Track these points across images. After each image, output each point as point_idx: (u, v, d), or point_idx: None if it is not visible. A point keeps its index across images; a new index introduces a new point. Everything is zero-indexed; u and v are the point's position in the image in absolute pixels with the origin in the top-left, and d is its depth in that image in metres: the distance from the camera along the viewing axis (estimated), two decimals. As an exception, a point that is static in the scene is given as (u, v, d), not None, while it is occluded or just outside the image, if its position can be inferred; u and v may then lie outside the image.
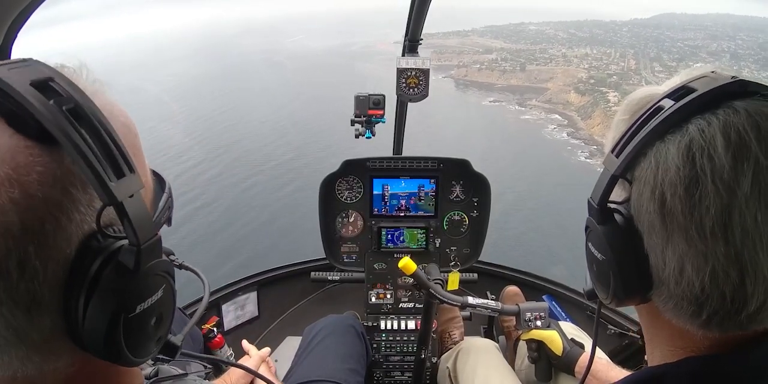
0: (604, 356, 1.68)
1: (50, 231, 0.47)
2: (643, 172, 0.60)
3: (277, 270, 2.78)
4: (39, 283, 0.47)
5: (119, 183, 0.48)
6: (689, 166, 0.55)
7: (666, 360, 0.68)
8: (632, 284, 0.64)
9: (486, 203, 2.31)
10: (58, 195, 0.47)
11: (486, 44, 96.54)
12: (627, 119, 0.68)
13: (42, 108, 0.46)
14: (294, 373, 1.85)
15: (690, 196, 0.55)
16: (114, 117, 0.54)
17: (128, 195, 0.48)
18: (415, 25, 1.94)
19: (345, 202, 2.33)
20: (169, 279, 0.57)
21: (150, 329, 0.56)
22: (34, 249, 0.46)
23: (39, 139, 0.47)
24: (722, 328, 0.59)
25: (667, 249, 0.58)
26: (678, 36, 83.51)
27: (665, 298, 0.62)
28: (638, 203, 0.61)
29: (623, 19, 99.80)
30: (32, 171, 0.46)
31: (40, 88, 0.47)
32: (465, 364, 1.89)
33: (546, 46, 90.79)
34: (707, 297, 0.57)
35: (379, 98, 2.07)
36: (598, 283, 0.70)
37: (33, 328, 0.48)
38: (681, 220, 0.56)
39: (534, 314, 1.65)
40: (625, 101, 0.72)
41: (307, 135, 40.34)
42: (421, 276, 1.61)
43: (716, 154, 0.54)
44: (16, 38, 1.19)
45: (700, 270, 0.56)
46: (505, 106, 65.05)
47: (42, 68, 0.50)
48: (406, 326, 2.31)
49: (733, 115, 0.55)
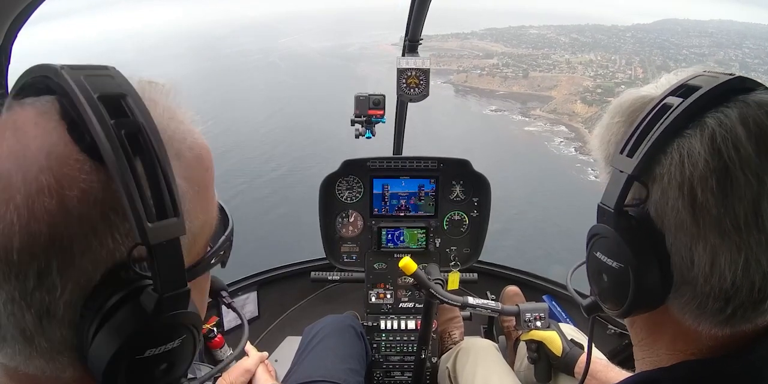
0: (603, 357, 1.68)
1: (78, 252, 0.44)
2: (665, 169, 0.58)
3: (277, 270, 2.78)
4: (55, 298, 0.45)
5: (157, 225, 0.44)
6: (717, 158, 0.55)
7: (658, 364, 0.68)
8: (654, 290, 0.61)
9: (486, 203, 2.31)
10: (96, 217, 0.45)
11: (486, 48, 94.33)
12: (623, 121, 0.67)
13: (99, 126, 0.43)
14: (294, 373, 1.85)
15: (722, 189, 0.55)
16: (186, 148, 0.52)
17: (165, 239, 0.45)
18: (415, 25, 1.94)
19: (345, 202, 2.33)
20: (194, 331, 0.54)
21: (157, 373, 0.53)
22: (57, 265, 0.44)
23: (92, 155, 0.44)
24: (744, 320, 0.59)
25: (697, 245, 0.57)
26: (682, 42, 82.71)
27: (688, 299, 0.60)
28: (662, 202, 0.59)
29: (625, 24, 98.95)
30: (75, 186, 0.44)
31: (108, 103, 0.45)
32: (464, 364, 1.89)
33: (548, 51, 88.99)
34: (737, 289, 0.57)
35: (379, 98, 2.07)
36: (611, 294, 0.67)
37: (42, 335, 0.47)
38: (714, 213, 0.55)
39: (534, 315, 1.65)
40: (614, 104, 0.71)
41: (301, 146, 37.82)
42: (422, 276, 1.61)
43: (741, 144, 0.54)
44: (16, 38, 1.19)
45: (733, 262, 0.56)
46: (508, 115, 61.38)
47: (120, 82, 0.48)
48: (406, 326, 2.31)
49: (745, 108, 0.56)
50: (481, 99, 69.34)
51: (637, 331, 0.74)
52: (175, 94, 0.55)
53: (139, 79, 0.53)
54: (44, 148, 0.44)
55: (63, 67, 0.47)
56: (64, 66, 0.47)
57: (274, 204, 26.36)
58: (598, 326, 2.30)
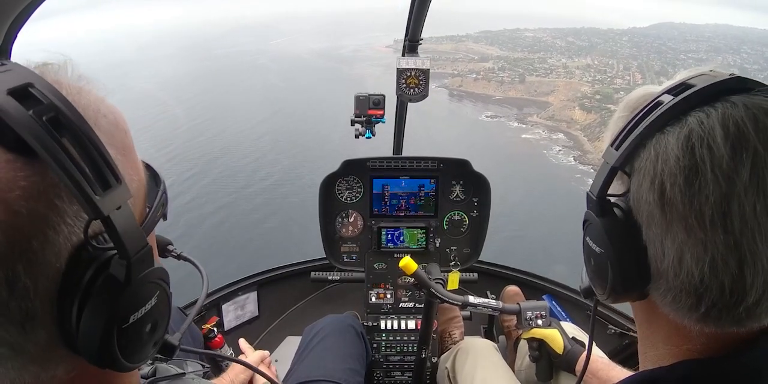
0: (604, 355, 1.68)
1: (38, 247, 0.44)
2: (642, 163, 0.60)
3: (277, 270, 2.78)
4: (30, 300, 0.45)
5: (105, 195, 0.45)
6: (689, 156, 0.56)
7: (660, 361, 0.68)
8: (631, 277, 0.64)
9: (486, 203, 2.32)
10: (44, 209, 0.45)
11: (481, 51, 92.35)
12: (626, 116, 0.69)
13: (20, 119, 0.43)
14: (294, 372, 1.85)
15: (689, 185, 0.56)
16: (101, 116, 0.53)
17: (115, 207, 0.46)
18: (415, 25, 1.95)
19: (345, 202, 2.33)
20: (163, 285, 0.56)
21: (145, 336, 0.55)
22: (23, 267, 0.44)
23: (21, 151, 0.44)
24: (720, 322, 0.60)
25: (666, 239, 0.59)
26: (680, 47, 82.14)
27: (664, 291, 0.62)
28: (637, 194, 0.61)
29: (622, 28, 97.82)
30: (15, 186, 0.43)
31: (18, 96, 0.44)
32: (464, 364, 1.89)
33: (545, 55, 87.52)
34: (706, 288, 0.57)
35: (379, 98, 2.07)
36: (596, 277, 0.70)
37: (28, 341, 0.47)
38: (680, 209, 0.57)
39: (535, 313, 1.65)
40: (624, 100, 0.74)
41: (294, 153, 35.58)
42: (422, 275, 1.61)
43: (715, 144, 0.55)
44: (16, 38, 1.19)
45: (699, 259, 0.57)
46: (505, 122, 58.32)
47: (22, 72, 0.47)
48: (406, 326, 2.31)
49: (731, 108, 0.56)
50: (477, 104, 67.17)
51: (638, 323, 0.75)
52: (73, 68, 0.55)
53: (36, 65, 0.53)
54: None
55: None
56: None
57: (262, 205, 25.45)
58: (598, 326, 2.31)
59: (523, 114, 62.21)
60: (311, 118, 49.02)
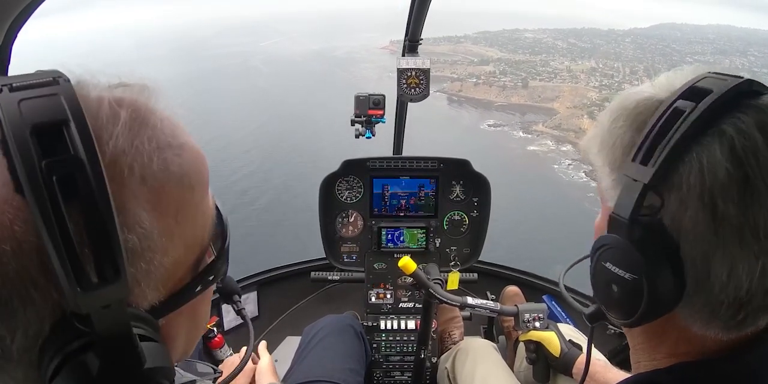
0: (602, 357, 1.68)
1: (19, 306, 0.40)
2: (684, 178, 0.56)
3: (277, 270, 2.79)
4: (7, 346, 0.42)
5: (91, 291, 0.38)
6: (738, 167, 0.54)
7: (656, 367, 0.68)
8: (667, 300, 0.60)
9: (486, 203, 2.31)
10: (35, 271, 0.40)
11: (481, 53, 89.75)
12: (629, 125, 0.64)
13: (27, 170, 0.36)
14: (294, 372, 1.85)
15: (743, 198, 0.54)
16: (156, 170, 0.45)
17: (101, 305, 0.40)
18: (415, 25, 1.95)
19: (345, 202, 2.33)
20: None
21: None
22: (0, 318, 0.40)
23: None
24: (755, 324, 0.59)
25: (714, 255, 0.56)
26: (685, 49, 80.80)
27: (700, 307, 0.60)
28: (679, 211, 0.57)
29: (623, 29, 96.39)
30: (9, 237, 0.39)
31: (42, 135, 0.38)
32: (463, 364, 1.89)
33: (547, 58, 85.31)
34: (751, 296, 0.56)
35: (379, 98, 2.07)
36: (623, 305, 0.65)
37: (5, 373, 0.44)
38: (734, 222, 0.55)
39: (533, 315, 1.65)
40: (616, 106, 0.67)
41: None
42: (421, 276, 1.61)
43: (760, 152, 0.54)
44: (16, 38, 1.19)
45: (751, 271, 0.55)
46: (509, 131, 54.27)
47: (64, 101, 0.39)
48: (406, 326, 2.31)
49: (761, 113, 0.55)
50: (478, 110, 63.42)
51: (634, 335, 0.73)
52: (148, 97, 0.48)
53: (108, 84, 0.47)
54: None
55: (3, 86, 0.40)
56: (5, 85, 0.40)
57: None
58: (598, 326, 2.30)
59: (528, 122, 58.26)
60: (307, 119, 47.53)
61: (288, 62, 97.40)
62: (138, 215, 0.44)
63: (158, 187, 0.45)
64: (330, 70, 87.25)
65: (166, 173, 0.46)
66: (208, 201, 0.55)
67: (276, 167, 33.92)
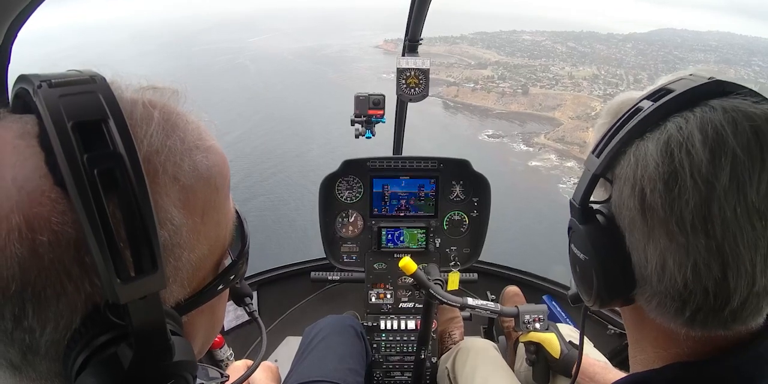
0: (602, 358, 1.67)
1: (52, 297, 0.41)
2: (623, 170, 0.61)
3: (277, 270, 2.79)
4: (36, 338, 0.43)
5: (130, 282, 0.40)
6: (668, 162, 0.56)
7: (649, 365, 0.69)
8: (616, 283, 0.65)
9: (486, 203, 2.31)
10: (70, 263, 0.40)
11: (478, 55, 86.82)
12: (608, 122, 0.69)
13: (68, 164, 0.37)
14: (294, 373, 1.85)
15: (669, 191, 0.56)
16: (186, 168, 0.47)
17: (138, 296, 0.41)
18: (415, 25, 1.95)
19: (345, 202, 2.33)
20: (185, 379, 0.48)
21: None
22: (32, 310, 0.41)
23: (66, 190, 0.39)
24: (706, 325, 0.60)
25: (648, 245, 0.59)
26: (687, 56, 79.77)
27: (649, 297, 0.63)
28: (619, 201, 0.62)
29: (622, 33, 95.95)
30: (46, 229, 0.39)
31: (83, 131, 0.39)
32: (464, 364, 1.89)
33: (547, 62, 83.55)
34: (690, 293, 0.57)
35: (379, 98, 2.07)
36: (582, 284, 0.71)
37: (29, 366, 0.45)
38: (661, 214, 0.57)
39: (533, 316, 1.65)
40: (606, 106, 0.75)
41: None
42: (421, 276, 1.61)
43: (694, 149, 0.55)
44: (16, 38, 1.19)
45: (682, 265, 0.57)
46: (509, 144, 51.14)
47: (106, 100, 0.41)
48: (406, 326, 2.31)
49: (709, 112, 0.56)
50: (475, 118, 60.10)
51: (627, 327, 0.76)
52: (177, 100, 0.50)
53: (139, 86, 0.48)
54: (18, 180, 0.40)
55: (42, 82, 0.41)
56: (44, 80, 0.41)
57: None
58: (598, 327, 2.30)
59: (529, 133, 55.18)
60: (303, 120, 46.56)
61: (277, 61, 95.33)
62: (169, 212, 0.45)
63: (188, 186, 0.47)
64: (322, 68, 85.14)
65: (196, 173, 0.48)
66: (230, 203, 0.57)
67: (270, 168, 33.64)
